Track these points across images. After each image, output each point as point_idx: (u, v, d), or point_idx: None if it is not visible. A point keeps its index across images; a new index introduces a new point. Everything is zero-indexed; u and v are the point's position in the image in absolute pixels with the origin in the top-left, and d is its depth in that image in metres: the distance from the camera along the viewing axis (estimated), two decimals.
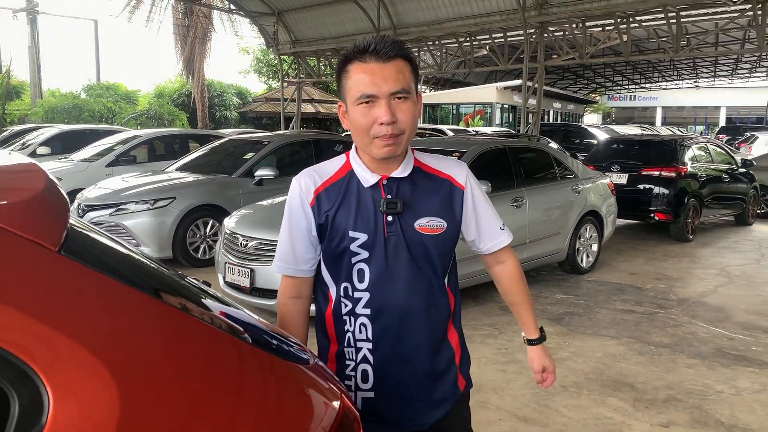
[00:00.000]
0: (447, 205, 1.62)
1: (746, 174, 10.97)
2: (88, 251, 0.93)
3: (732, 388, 4.06)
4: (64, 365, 0.77)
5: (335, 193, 1.57)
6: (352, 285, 1.57)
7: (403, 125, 1.49)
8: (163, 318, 0.90)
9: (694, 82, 43.83)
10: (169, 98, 27.11)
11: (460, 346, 1.72)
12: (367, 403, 1.60)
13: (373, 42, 1.49)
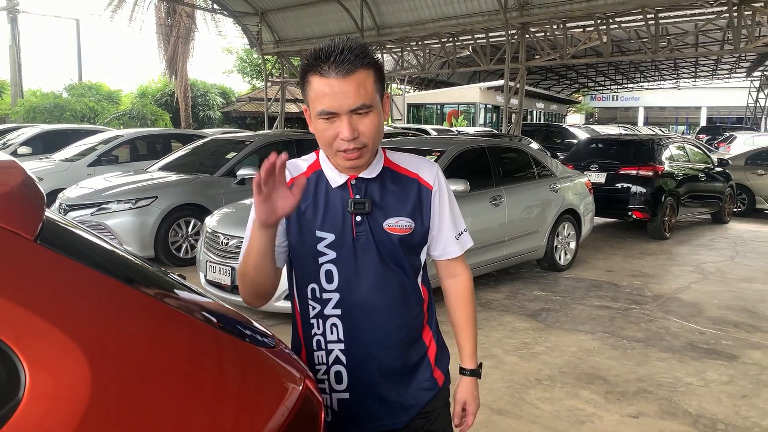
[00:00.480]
0: (415, 205, 1.59)
1: (722, 173, 11.17)
2: (64, 241, 0.99)
3: (701, 380, 4.18)
4: (39, 344, 0.83)
5: (307, 188, 1.55)
6: (320, 286, 1.55)
7: (365, 138, 1.45)
8: (133, 302, 0.97)
9: (675, 83, 44.35)
10: (152, 98, 27.00)
11: (436, 342, 1.70)
12: (343, 404, 1.59)
13: (333, 53, 1.39)
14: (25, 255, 0.89)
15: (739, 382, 4.16)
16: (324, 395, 1.56)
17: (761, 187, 12.13)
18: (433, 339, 1.70)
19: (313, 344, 1.59)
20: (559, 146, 16.81)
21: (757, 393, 3.99)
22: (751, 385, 4.12)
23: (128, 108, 24.66)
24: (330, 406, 1.59)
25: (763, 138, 21.29)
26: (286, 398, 1.10)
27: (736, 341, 4.95)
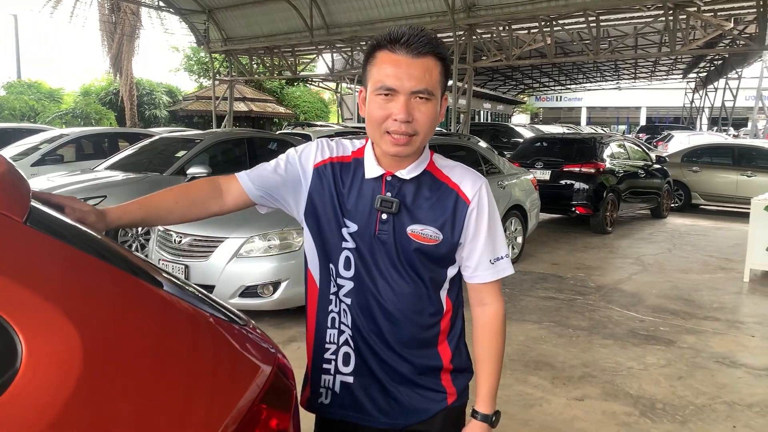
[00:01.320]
0: (448, 217, 1.48)
1: (660, 170, 11.66)
2: (50, 224, 1.05)
3: (641, 365, 4.42)
4: (33, 317, 0.89)
5: (342, 172, 1.52)
6: (337, 270, 1.51)
7: (418, 126, 1.39)
8: (114, 278, 1.04)
9: (616, 84, 45.69)
10: (96, 97, 26.32)
11: (455, 359, 1.57)
12: (345, 387, 1.54)
13: (407, 33, 1.37)
14: (16, 235, 0.95)
15: (676, 365, 4.41)
16: (327, 376, 1.55)
17: (696, 183, 12.69)
18: (453, 356, 1.56)
19: (327, 321, 1.55)
20: (506, 145, 17.19)
21: (692, 374, 4.24)
22: (687, 367, 4.37)
23: (71, 107, 23.99)
24: (331, 388, 1.55)
25: (699, 137, 22.29)
26: (258, 373, 1.18)
27: (673, 327, 5.23)
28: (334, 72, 21.93)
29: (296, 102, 33.55)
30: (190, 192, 1.52)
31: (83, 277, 1.00)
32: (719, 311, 5.73)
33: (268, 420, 1.14)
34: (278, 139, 10.46)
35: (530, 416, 3.60)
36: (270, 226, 5.07)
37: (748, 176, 11.94)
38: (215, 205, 1.53)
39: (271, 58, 22.32)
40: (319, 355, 1.56)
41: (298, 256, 5.05)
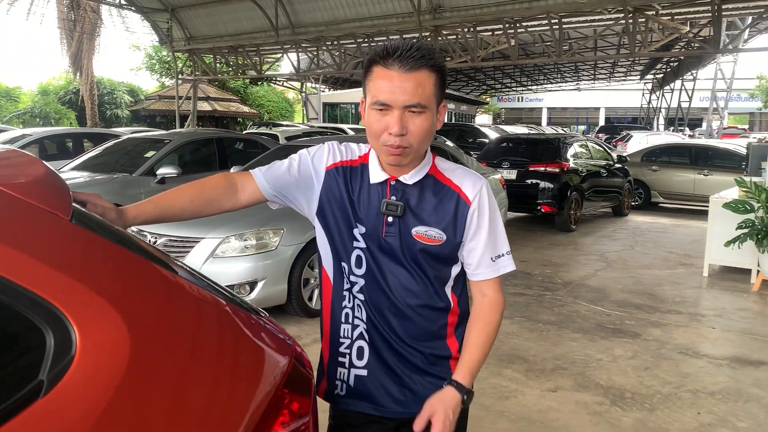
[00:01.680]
0: (451, 218, 1.55)
1: (622, 169, 11.99)
2: (92, 222, 1.11)
3: (609, 357, 4.59)
4: (84, 308, 0.96)
5: (351, 176, 1.59)
6: (350, 267, 1.58)
7: (412, 139, 1.46)
8: (152, 272, 1.11)
9: (576, 85, 46.61)
10: (56, 96, 25.76)
11: (461, 350, 1.62)
12: (359, 380, 1.61)
13: (400, 47, 1.43)
14: (65, 232, 1.01)
15: (642, 357, 4.59)
16: (342, 369, 1.62)
17: (656, 181, 13.07)
18: (460, 346, 1.63)
19: (341, 316, 1.62)
20: (471, 145, 17.41)
21: (658, 365, 4.43)
22: (653, 358, 4.56)
23: (29, 106, 23.44)
24: (346, 381, 1.62)
25: (657, 137, 22.91)
26: (280, 361, 1.26)
27: (639, 321, 5.43)
28: (300, 71, 21.90)
29: (260, 101, 33.36)
30: (206, 190, 1.57)
31: (125, 271, 1.06)
32: (681, 305, 5.96)
33: (291, 404, 1.22)
34: (246, 138, 10.47)
35: (506, 408, 3.73)
36: (246, 227, 5.10)
37: (704, 175, 12.35)
38: (229, 202, 1.59)
39: (235, 57, 22.16)
40: (335, 349, 1.63)
41: (275, 256, 5.10)
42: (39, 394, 0.88)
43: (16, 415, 0.85)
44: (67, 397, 0.89)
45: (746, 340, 5.02)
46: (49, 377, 0.90)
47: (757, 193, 6.32)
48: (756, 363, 4.51)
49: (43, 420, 0.87)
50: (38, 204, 1.00)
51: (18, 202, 0.98)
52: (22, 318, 0.90)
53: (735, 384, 4.13)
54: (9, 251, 0.91)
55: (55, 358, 0.91)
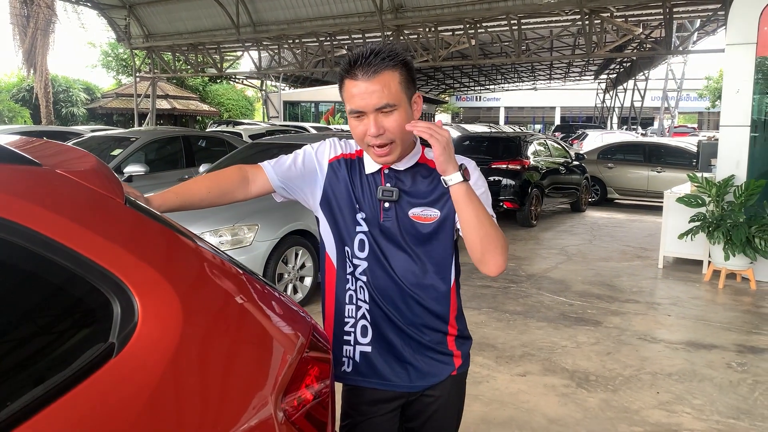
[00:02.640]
0: (441, 194, 1.67)
1: (579, 167, 12.37)
2: (140, 206, 1.23)
3: (574, 343, 4.83)
4: (143, 281, 1.08)
5: (350, 167, 1.72)
6: (353, 251, 1.70)
7: (391, 135, 1.58)
8: (193, 251, 1.24)
9: (533, 84, 47.41)
10: (8, 94, 25.09)
11: (458, 327, 1.77)
12: (365, 356, 1.72)
13: (361, 57, 1.55)
14: (123, 215, 1.13)
15: (604, 343, 4.84)
16: (348, 347, 1.74)
17: (611, 178, 13.52)
18: (456, 323, 1.76)
19: (345, 298, 1.73)
20: None
21: (618, 350, 4.69)
22: (614, 344, 4.82)
23: None
24: (352, 357, 1.74)
25: (612, 135, 23.55)
26: (303, 330, 1.39)
27: (599, 310, 5.70)
28: (261, 70, 21.84)
29: (220, 99, 33.06)
30: (221, 182, 1.69)
31: (174, 249, 1.19)
32: (638, 294, 6.26)
33: (313, 368, 1.36)
34: (212, 136, 10.47)
35: (479, 392, 3.91)
36: (221, 222, 5.19)
37: (657, 172, 12.82)
38: (241, 193, 1.71)
39: (195, 54, 21.97)
40: (340, 329, 1.75)
41: (249, 251, 5.20)
42: (112, 354, 1.00)
43: (95, 371, 0.97)
44: (135, 358, 1.02)
45: (699, 326, 5.32)
46: (119, 340, 1.02)
47: (708, 187, 6.68)
48: (708, 346, 4.81)
49: (116, 375, 0.99)
50: (99, 189, 1.12)
51: (83, 188, 1.10)
52: (94, 289, 1.02)
53: (690, 366, 4.41)
54: (80, 229, 1.03)
55: (122, 324, 1.04)
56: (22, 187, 1.01)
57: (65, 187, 1.08)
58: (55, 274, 1.00)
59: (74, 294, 1.02)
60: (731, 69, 6.85)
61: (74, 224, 1.02)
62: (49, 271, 0.99)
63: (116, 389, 0.98)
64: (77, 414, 0.92)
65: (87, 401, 0.94)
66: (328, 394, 1.39)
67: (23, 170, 1.05)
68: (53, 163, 1.11)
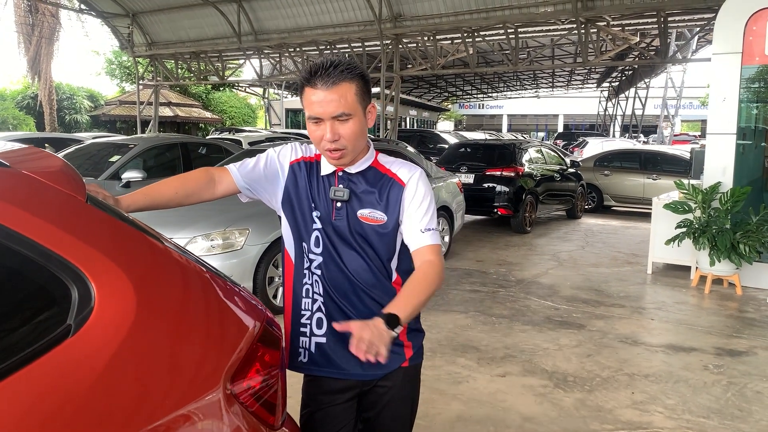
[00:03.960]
0: (388, 200, 1.80)
1: (575, 174, 12.49)
2: (101, 204, 1.36)
3: (555, 346, 4.93)
4: (100, 270, 1.21)
5: (309, 169, 1.85)
6: (309, 246, 1.83)
7: (345, 141, 1.72)
8: (149, 244, 1.36)
9: (535, 92, 47.55)
10: (13, 101, 25.36)
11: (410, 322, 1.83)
12: (320, 347, 1.84)
13: (321, 68, 1.67)
14: (83, 211, 1.26)
15: (586, 345, 4.95)
16: (304, 338, 1.86)
17: (608, 186, 13.62)
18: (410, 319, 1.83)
19: (302, 291, 1.85)
20: (432, 150, 17.82)
21: (599, 352, 4.79)
22: (595, 347, 4.92)
23: None
24: (308, 348, 1.86)
25: (611, 143, 23.66)
26: (255, 320, 1.52)
27: (584, 314, 5.81)
28: (263, 78, 22.04)
29: (222, 107, 33.31)
30: (188, 183, 1.83)
31: (129, 242, 1.32)
32: (625, 299, 6.37)
33: (264, 356, 1.48)
34: (209, 143, 10.63)
35: (459, 391, 4.02)
36: (212, 227, 5.32)
37: (653, 179, 12.92)
38: (207, 193, 1.84)
39: (197, 63, 22.19)
40: (297, 321, 1.88)
41: (240, 255, 5.32)
42: (68, 334, 1.13)
43: (52, 349, 1.10)
44: (90, 337, 1.15)
45: (681, 330, 5.43)
46: (76, 322, 1.15)
47: (694, 194, 6.78)
48: (688, 349, 4.91)
49: (72, 353, 1.12)
50: (62, 189, 1.25)
51: (47, 187, 1.23)
52: (54, 276, 1.15)
53: (667, 367, 4.51)
54: (43, 224, 1.16)
55: (79, 308, 1.17)
56: None
57: (30, 186, 1.20)
58: (19, 263, 1.13)
59: (36, 280, 1.15)
60: (718, 78, 6.97)
61: (37, 219, 1.15)
62: (13, 260, 1.12)
63: (71, 365, 1.10)
64: (36, 383, 1.05)
65: (45, 373, 1.07)
66: (278, 378, 1.51)
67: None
68: (21, 165, 1.24)
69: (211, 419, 1.31)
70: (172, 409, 1.22)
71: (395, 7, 15.27)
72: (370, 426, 1.94)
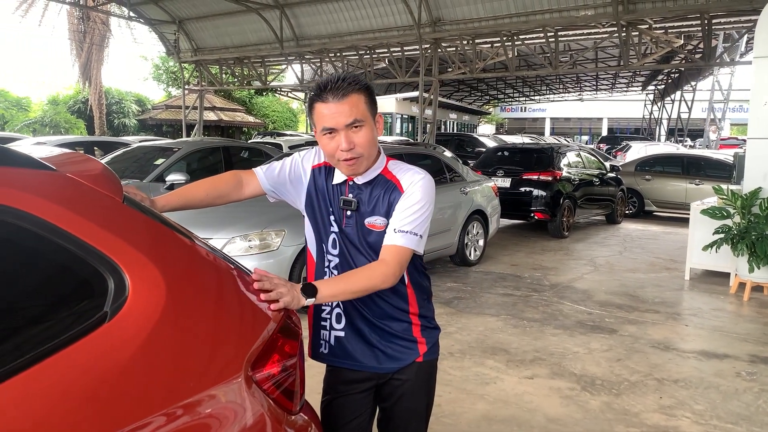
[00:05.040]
0: (389, 205, 1.86)
1: (615, 178, 12.35)
2: (136, 204, 1.50)
3: (586, 349, 4.95)
4: (135, 263, 1.34)
5: (327, 174, 1.94)
6: (327, 247, 1.93)
7: (360, 149, 1.79)
8: (180, 241, 1.50)
9: (579, 95, 46.98)
10: (65, 106, 26.33)
11: (422, 318, 1.98)
12: (338, 340, 1.95)
13: (330, 82, 1.76)
14: (120, 211, 1.40)
15: (616, 350, 4.95)
16: (325, 331, 1.98)
17: (649, 191, 13.43)
18: (418, 315, 1.98)
19: None
20: (470, 154, 17.81)
21: (629, 357, 4.79)
22: (626, 351, 4.92)
23: (39, 116, 23.99)
24: (328, 341, 1.97)
25: (655, 147, 23.20)
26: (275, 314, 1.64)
27: (617, 319, 5.79)
28: (304, 83, 22.39)
29: (265, 111, 33.89)
30: (218, 186, 1.97)
31: (160, 238, 1.46)
32: (660, 305, 6.32)
33: (283, 346, 1.60)
34: (250, 147, 10.89)
35: (486, 392, 4.09)
36: (250, 228, 5.49)
37: (696, 184, 12.69)
38: (236, 195, 1.99)
39: (241, 68, 22.68)
40: (318, 315, 2.01)
41: (276, 255, 5.49)
42: (105, 320, 1.26)
43: (90, 333, 1.24)
44: (124, 323, 1.28)
45: (716, 336, 5.37)
46: (111, 309, 1.28)
47: (733, 199, 6.69)
48: (721, 356, 4.87)
49: (107, 338, 1.25)
50: (101, 190, 1.39)
51: (88, 188, 1.37)
52: (93, 268, 1.29)
53: (698, 373, 4.49)
54: (85, 221, 1.30)
55: (115, 297, 1.30)
56: (39, 187, 1.29)
57: (73, 188, 1.35)
58: (63, 256, 1.27)
59: (77, 272, 1.29)
60: (759, 81, 6.86)
61: (79, 217, 1.29)
62: (58, 254, 1.26)
63: (107, 348, 1.24)
64: (74, 363, 1.19)
65: (83, 355, 1.20)
66: (296, 367, 1.63)
67: (40, 174, 1.32)
68: (65, 169, 1.39)
69: (233, 403, 1.43)
70: (196, 391, 1.35)
71: (434, 12, 15.37)
72: (386, 416, 2.06)
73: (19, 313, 1.21)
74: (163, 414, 1.27)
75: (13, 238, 1.21)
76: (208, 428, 1.36)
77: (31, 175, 1.31)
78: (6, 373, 1.11)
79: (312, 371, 2.17)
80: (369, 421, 2.07)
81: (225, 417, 1.40)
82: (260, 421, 1.47)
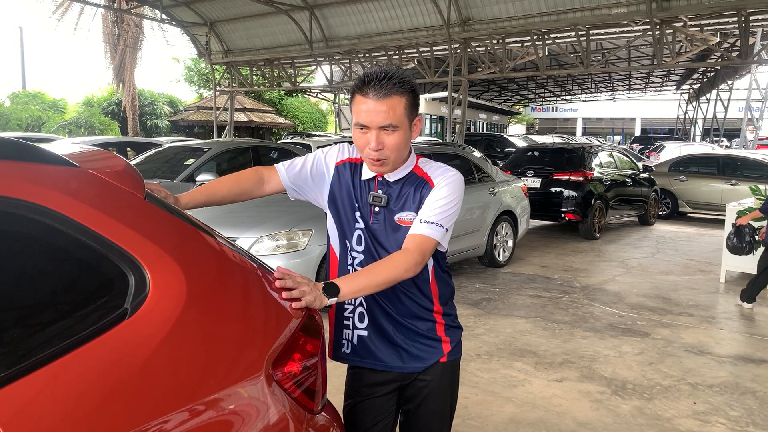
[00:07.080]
0: (420, 200, 1.85)
1: (648, 179, 12.12)
2: (159, 201, 1.50)
3: (617, 353, 4.86)
4: (154, 260, 1.33)
5: (354, 170, 1.92)
6: (351, 244, 1.90)
7: (388, 152, 1.77)
8: (202, 238, 1.49)
9: (611, 95, 46.33)
10: (100, 107, 26.85)
11: (446, 317, 1.96)
12: (361, 339, 1.92)
13: (374, 78, 1.72)
14: (142, 207, 1.40)
15: (648, 353, 4.85)
16: (347, 331, 1.95)
17: (683, 191, 13.15)
18: (443, 312, 1.96)
19: None
20: (500, 154, 17.68)
21: (662, 361, 4.68)
22: (658, 355, 4.81)
23: (74, 117, 24.50)
24: (351, 340, 1.95)
25: (689, 147, 22.72)
26: (297, 312, 1.62)
27: (650, 322, 5.67)
28: (333, 84, 22.46)
29: (295, 112, 34.09)
30: (241, 183, 1.96)
31: (182, 235, 1.45)
32: (694, 308, 6.17)
33: (305, 345, 1.58)
34: (279, 147, 10.94)
35: (513, 394, 4.03)
36: (278, 228, 5.51)
37: (732, 185, 12.39)
38: (257, 192, 1.98)
39: (271, 69, 22.85)
40: (340, 314, 1.98)
41: (303, 255, 5.49)
42: (125, 316, 1.26)
43: (111, 328, 1.23)
44: (144, 320, 1.27)
45: (753, 341, 5.23)
46: (132, 306, 1.28)
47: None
48: (758, 361, 4.73)
49: (128, 333, 1.25)
50: (124, 187, 1.39)
51: (109, 184, 1.37)
52: (114, 265, 1.28)
53: (734, 379, 4.37)
54: (106, 218, 1.29)
55: (136, 293, 1.30)
56: (60, 183, 1.29)
57: (95, 184, 1.35)
58: (85, 252, 1.26)
59: (99, 268, 1.28)
60: None
61: (99, 213, 1.29)
62: (80, 250, 1.26)
63: (127, 344, 1.23)
64: (95, 358, 1.18)
65: (103, 350, 1.20)
66: (317, 366, 1.61)
67: (63, 170, 1.32)
68: (88, 166, 1.39)
69: (254, 401, 1.42)
70: (216, 389, 1.33)
71: (464, 12, 15.29)
72: (410, 418, 2.02)
73: (39, 308, 1.21)
74: (183, 411, 1.26)
75: (33, 234, 1.22)
76: (228, 426, 1.35)
77: (53, 171, 1.32)
78: (27, 369, 1.11)
79: (337, 371, 2.15)
80: (393, 424, 2.04)
81: (246, 415, 1.39)
82: (281, 420, 1.45)
